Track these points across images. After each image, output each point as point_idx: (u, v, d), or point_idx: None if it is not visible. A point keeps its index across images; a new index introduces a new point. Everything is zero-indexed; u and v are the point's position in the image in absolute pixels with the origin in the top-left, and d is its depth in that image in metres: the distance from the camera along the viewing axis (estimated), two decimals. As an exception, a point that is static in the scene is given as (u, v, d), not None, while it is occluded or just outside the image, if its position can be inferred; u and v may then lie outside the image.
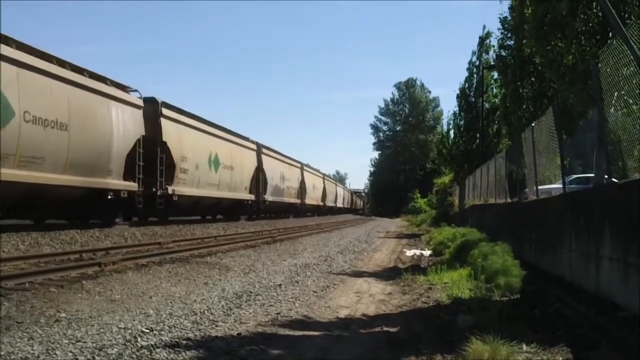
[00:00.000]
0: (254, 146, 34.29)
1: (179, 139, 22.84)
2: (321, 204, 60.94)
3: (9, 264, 9.77)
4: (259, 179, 34.62)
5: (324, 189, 62.46)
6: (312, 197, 54.39)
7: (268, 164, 36.77)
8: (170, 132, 22.10)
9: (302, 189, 48.82)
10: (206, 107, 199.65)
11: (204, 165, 25.44)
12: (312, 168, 56.84)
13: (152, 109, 20.94)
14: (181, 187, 22.81)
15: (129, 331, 5.82)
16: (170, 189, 21.58)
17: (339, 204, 78.16)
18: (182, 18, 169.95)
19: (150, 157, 20.30)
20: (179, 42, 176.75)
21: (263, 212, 36.69)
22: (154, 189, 20.55)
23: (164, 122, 21.60)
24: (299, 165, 49.02)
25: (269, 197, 36.70)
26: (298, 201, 47.39)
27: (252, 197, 32.81)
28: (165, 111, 21.87)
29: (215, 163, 26.95)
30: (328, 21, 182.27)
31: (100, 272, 9.78)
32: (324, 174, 64.16)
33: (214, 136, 27.37)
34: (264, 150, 36.35)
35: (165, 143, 21.42)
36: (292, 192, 44.54)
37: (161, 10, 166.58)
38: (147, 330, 5.89)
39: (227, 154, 28.51)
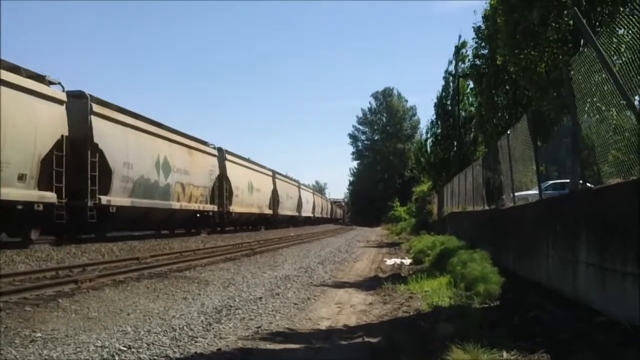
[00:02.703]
0: (60, 95, 17.81)
1: None
2: (269, 212, 44.56)
3: (-18, 283, 9.55)
4: (84, 166, 18.67)
5: (274, 191, 46.68)
6: (246, 202, 37.95)
7: (116, 137, 20.73)
8: None
9: (220, 188, 32.69)
10: (178, 114, 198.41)
11: None
12: (249, 161, 40.95)
13: None
14: None
15: (107, 350, 5.71)
16: None
17: (307, 212, 64.22)
18: (155, 22, 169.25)
19: None
20: (149, 48, 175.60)
21: (104, 227, 20.86)
22: None
23: None
24: (212, 151, 32.19)
25: (120, 199, 20.82)
26: (213, 208, 31.21)
27: (50, 198, 16.63)
28: None
29: None
30: (303, 30, 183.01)
31: (76, 290, 9.60)
32: (273, 171, 48.47)
33: None
34: (99, 110, 19.83)
35: None
36: (194, 192, 28.36)
37: (128, 16, 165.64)
38: (125, 348, 5.79)
39: None
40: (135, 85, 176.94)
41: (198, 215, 29.46)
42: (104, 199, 19.59)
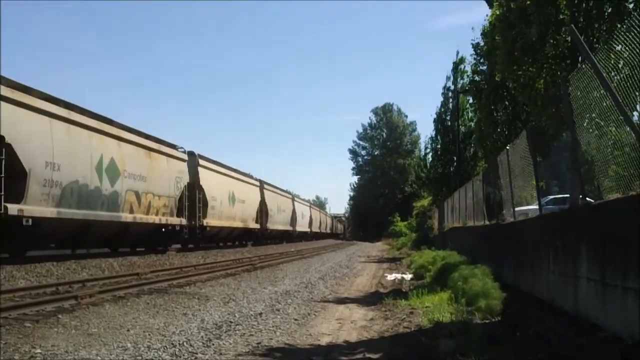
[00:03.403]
0: None
1: None
2: (255, 226, 39.13)
3: (-18, 299, 9.53)
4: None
5: (263, 202, 41.04)
6: (226, 215, 32.89)
7: (35, 130, 16.33)
8: None
9: (192, 198, 27.68)
10: (180, 131, 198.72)
11: None
12: (230, 168, 34.99)
13: None
14: None
15: (106, 366, 5.69)
16: None
17: (303, 227, 59.17)
18: (156, 42, 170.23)
19: None
20: (150, 67, 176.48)
21: (18, 244, 16.72)
22: None
23: None
24: (180, 155, 27.07)
25: (40, 208, 16.29)
26: (180, 221, 26.13)
27: None
28: None
29: None
30: (302, 45, 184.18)
31: (76, 306, 9.58)
32: (261, 181, 42.77)
33: None
34: (8, 94, 15.30)
35: None
36: (155, 203, 23.50)
37: (129, 36, 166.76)
38: (125, 365, 5.76)
39: None
40: (136, 101, 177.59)
41: (164, 230, 24.86)
42: (13, 208, 15.04)
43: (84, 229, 19.30)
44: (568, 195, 8.62)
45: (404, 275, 17.59)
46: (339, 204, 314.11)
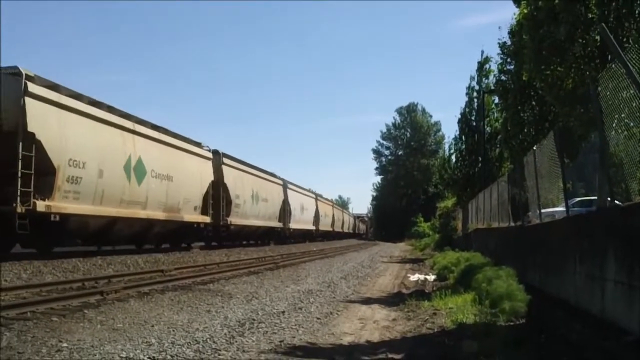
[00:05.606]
0: None
1: None
2: (201, 219, 25.52)
3: (11, 293, 9.72)
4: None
5: (220, 183, 27.86)
6: (113, 195, 18.37)
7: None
8: None
9: (24, 161, 14.43)
10: (204, 132, 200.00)
11: None
12: (132, 119, 20.35)
13: None
14: None
15: (131, 361, 5.75)
16: None
17: (303, 223, 46.43)
18: (177, 42, 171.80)
19: None
20: (173, 67, 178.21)
21: None
22: None
23: None
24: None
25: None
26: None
27: None
28: None
29: None
30: (328, 46, 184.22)
31: (102, 301, 9.72)
32: (218, 152, 28.57)
33: None
34: None
35: None
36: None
37: (152, 34, 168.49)
38: (149, 360, 5.83)
39: None
40: (167, 101, 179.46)
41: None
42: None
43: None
44: (595, 198, 8.49)
45: (427, 276, 17.50)
46: (362, 204, 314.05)
